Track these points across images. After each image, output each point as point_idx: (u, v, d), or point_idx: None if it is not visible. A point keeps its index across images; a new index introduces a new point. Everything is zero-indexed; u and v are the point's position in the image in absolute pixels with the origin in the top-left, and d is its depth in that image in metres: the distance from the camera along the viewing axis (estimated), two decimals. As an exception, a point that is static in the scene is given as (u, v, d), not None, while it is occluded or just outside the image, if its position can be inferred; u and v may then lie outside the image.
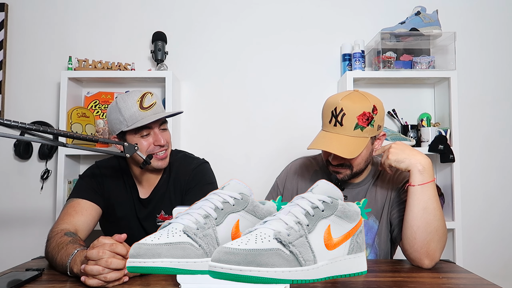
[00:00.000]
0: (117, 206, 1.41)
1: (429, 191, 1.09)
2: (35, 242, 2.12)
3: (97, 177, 1.40)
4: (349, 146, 1.13)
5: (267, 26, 2.24)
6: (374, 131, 1.16)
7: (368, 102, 1.15)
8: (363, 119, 1.13)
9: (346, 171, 1.22)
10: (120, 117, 1.28)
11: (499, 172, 2.20)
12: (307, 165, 1.42)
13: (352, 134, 1.13)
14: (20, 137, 1.02)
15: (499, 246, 2.17)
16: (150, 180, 1.42)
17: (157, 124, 1.33)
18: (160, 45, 2.10)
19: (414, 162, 1.10)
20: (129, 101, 1.29)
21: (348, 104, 1.14)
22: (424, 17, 1.99)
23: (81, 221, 1.26)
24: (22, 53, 2.24)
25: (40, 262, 1.16)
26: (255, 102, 2.23)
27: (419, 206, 1.08)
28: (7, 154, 2.21)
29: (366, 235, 1.27)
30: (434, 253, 1.06)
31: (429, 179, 1.09)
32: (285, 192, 1.40)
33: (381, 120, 1.18)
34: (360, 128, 1.13)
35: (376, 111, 1.15)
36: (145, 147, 1.31)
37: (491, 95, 2.21)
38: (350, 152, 1.12)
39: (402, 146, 1.15)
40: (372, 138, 1.19)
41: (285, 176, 1.43)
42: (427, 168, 1.10)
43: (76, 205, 1.30)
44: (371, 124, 1.14)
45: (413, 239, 1.08)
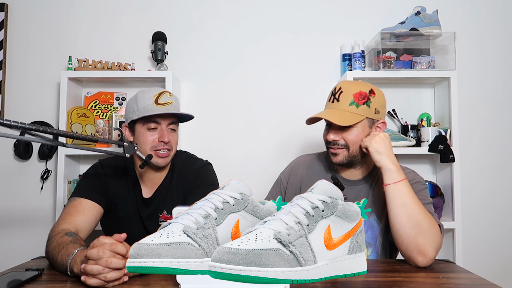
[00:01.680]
0: (120, 205, 1.41)
1: (404, 187, 1.12)
2: (35, 242, 2.12)
3: (100, 176, 1.40)
4: (342, 116, 1.21)
5: (267, 26, 2.24)
6: (371, 112, 1.23)
7: (366, 85, 1.24)
8: (359, 97, 1.21)
9: (343, 151, 1.25)
10: (134, 106, 1.33)
11: (499, 172, 2.20)
12: (311, 161, 1.44)
13: (347, 109, 1.22)
14: (20, 137, 1.02)
15: (499, 246, 2.17)
16: (154, 180, 1.42)
17: (166, 121, 1.35)
18: (160, 45, 2.10)
19: (387, 162, 1.15)
20: (147, 94, 1.33)
21: (347, 84, 1.26)
22: (424, 17, 1.99)
23: (82, 221, 1.26)
24: (22, 53, 2.24)
25: (40, 262, 1.16)
26: (255, 102, 2.23)
27: (397, 203, 1.11)
28: (7, 154, 2.21)
29: (367, 234, 1.28)
30: (425, 248, 1.06)
31: (401, 178, 1.13)
32: (288, 187, 1.41)
33: (380, 106, 1.25)
34: (355, 105, 1.21)
35: (374, 94, 1.23)
36: (150, 141, 1.33)
37: (491, 95, 2.21)
38: (343, 120, 1.20)
39: (388, 141, 1.20)
40: (369, 121, 1.24)
41: (289, 171, 1.44)
42: (398, 168, 1.15)
43: (78, 205, 1.30)
44: (367, 104, 1.21)
45: (399, 237, 1.10)
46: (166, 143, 1.33)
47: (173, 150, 1.38)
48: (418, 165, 2.18)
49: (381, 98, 1.26)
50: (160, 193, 1.41)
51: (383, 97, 1.27)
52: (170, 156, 1.38)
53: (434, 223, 1.10)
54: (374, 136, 1.20)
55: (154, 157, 1.33)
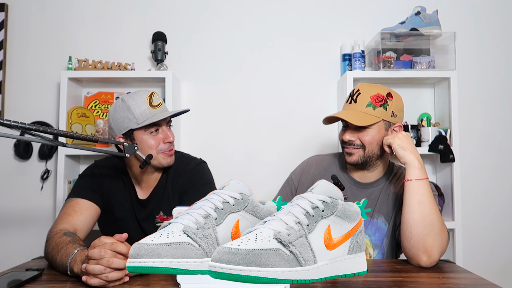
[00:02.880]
0: (116, 206, 1.41)
1: (424, 186, 1.12)
2: (35, 242, 2.11)
3: (96, 177, 1.40)
4: (358, 116, 1.23)
5: (267, 26, 2.24)
6: (388, 115, 1.24)
7: (384, 89, 1.26)
8: (376, 99, 1.23)
9: (358, 151, 1.26)
10: (129, 115, 1.29)
11: (499, 172, 2.20)
12: (324, 161, 1.44)
13: (364, 110, 1.23)
14: (20, 137, 1.02)
15: (499, 246, 2.17)
16: (149, 181, 1.41)
17: (165, 121, 1.36)
18: (160, 45, 2.10)
19: (413, 158, 1.15)
20: (138, 99, 1.30)
21: (365, 86, 1.27)
22: (424, 17, 1.99)
23: (80, 221, 1.26)
24: (22, 53, 2.24)
25: (40, 262, 1.16)
26: (255, 101, 2.23)
27: (415, 200, 1.11)
28: (7, 154, 2.21)
29: (375, 236, 1.29)
30: (432, 249, 1.06)
31: (425, 176, 1.13)
32: (300, 186, 1.41)
33: (397, 110, 1.26)
34: (372, 107, 1.23)
35: (391, 98, 1.24)
36: (155, 144, 1.32)
37: (491, 95, 2.21)
38: (358, 120, 1.21)
39: (411, 139, 1.21)
40: (386, 123, 1.25)
41: (301, 171, 1.44)
42: (422, 166, 1.15)
43: (75, 205, 1.29)
44: (384, 107, 1.22)
45: (409, 233, 1.09)
46: (171, 143, 1.36)
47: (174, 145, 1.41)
48: (418, 165, 2.18)
49: (399, 102, 1.27)
50: (156, 194, 1.41)
51: (401, 101, 1.29)
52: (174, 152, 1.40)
53: (445, 228, 1.11)
54: (396, 134, 1.21)
55: (163, 158, 1.34)
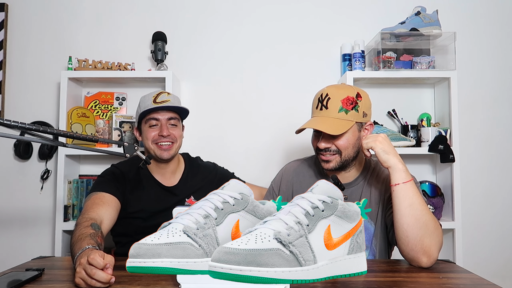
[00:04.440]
0: (134, 202, 1.47)
1: (412, 188, 1.11)
2: (35, 242, 2.12)
3: (117, 175, 1.48)
4: (333, 124, 1.20)
5: (267, 26, 2.24)
6: (359, 117, 1.23)
7: (352, 89, 1.24)
8: (347, 103, 1.21)
9: (335, 157, 1.25)
10: (138, 109, 1.54)
11: (499, 172, 2.20)
12: (301, 166, 1.43)
13: (337, 116, 1.21)
14: (20, 137, 1.02)
15: (499, 246, 2.17)
16: (173, 170, 1.56)
17: (165, 117, 1.48)
18: (160, 45, 2.10)
19: (396, 161, 1.14)
20: (147, 96, 1.51)
21: (333, 90, 1.24)
22: (424, 17, 1.99)
23: (108, 211, 1.32)
24: (22, 53, 2.24)
25: (40, 262, 1.16)
26: (255, 101, 2.23)
27: (405, 204, 1.09)
28: (7, 154, 2.21)
29: None
30: (430, 249, 1.06)
31: (410, 178, 1.13)
32: (281, 195, 1.40)
33: (367, 108, 1.25)
34: (344, 111, 1.21)
35: (360, 98, 1.23)
36: (151, 136, 1.47)
37: (491, 95, 2.21)
38: (335, 129, 1.19)
39: (389, 141, 1.20)
40: (358, 125, 1.24)
41: (279, 179, 1.44)
42: (406, 167, 1.15)
43: (101, 197, 1.36)
44: (355, 109, 1.21)
45: (405, 237, 1.08)
46: (165, 137, 1.46)
47: (176, 143, 1.51)
48: (418, 165, 2.18)
49: (367, 100, 1.26)
50: (185, 181, 1.57)
51: (369, 98, 1.27)
52: (173, 149, 1.49)
53: (438, 224, 1.10)
54: (375, 137, 1.19)
55: (157, 151, 1.48)
